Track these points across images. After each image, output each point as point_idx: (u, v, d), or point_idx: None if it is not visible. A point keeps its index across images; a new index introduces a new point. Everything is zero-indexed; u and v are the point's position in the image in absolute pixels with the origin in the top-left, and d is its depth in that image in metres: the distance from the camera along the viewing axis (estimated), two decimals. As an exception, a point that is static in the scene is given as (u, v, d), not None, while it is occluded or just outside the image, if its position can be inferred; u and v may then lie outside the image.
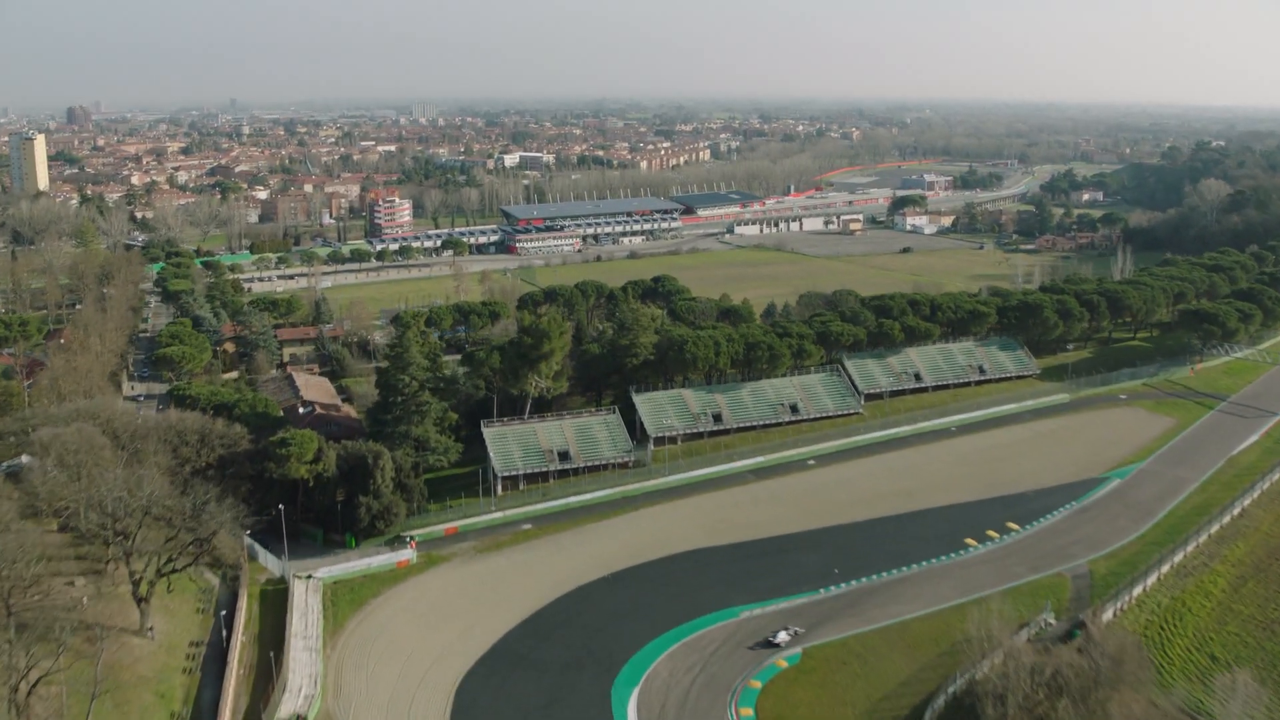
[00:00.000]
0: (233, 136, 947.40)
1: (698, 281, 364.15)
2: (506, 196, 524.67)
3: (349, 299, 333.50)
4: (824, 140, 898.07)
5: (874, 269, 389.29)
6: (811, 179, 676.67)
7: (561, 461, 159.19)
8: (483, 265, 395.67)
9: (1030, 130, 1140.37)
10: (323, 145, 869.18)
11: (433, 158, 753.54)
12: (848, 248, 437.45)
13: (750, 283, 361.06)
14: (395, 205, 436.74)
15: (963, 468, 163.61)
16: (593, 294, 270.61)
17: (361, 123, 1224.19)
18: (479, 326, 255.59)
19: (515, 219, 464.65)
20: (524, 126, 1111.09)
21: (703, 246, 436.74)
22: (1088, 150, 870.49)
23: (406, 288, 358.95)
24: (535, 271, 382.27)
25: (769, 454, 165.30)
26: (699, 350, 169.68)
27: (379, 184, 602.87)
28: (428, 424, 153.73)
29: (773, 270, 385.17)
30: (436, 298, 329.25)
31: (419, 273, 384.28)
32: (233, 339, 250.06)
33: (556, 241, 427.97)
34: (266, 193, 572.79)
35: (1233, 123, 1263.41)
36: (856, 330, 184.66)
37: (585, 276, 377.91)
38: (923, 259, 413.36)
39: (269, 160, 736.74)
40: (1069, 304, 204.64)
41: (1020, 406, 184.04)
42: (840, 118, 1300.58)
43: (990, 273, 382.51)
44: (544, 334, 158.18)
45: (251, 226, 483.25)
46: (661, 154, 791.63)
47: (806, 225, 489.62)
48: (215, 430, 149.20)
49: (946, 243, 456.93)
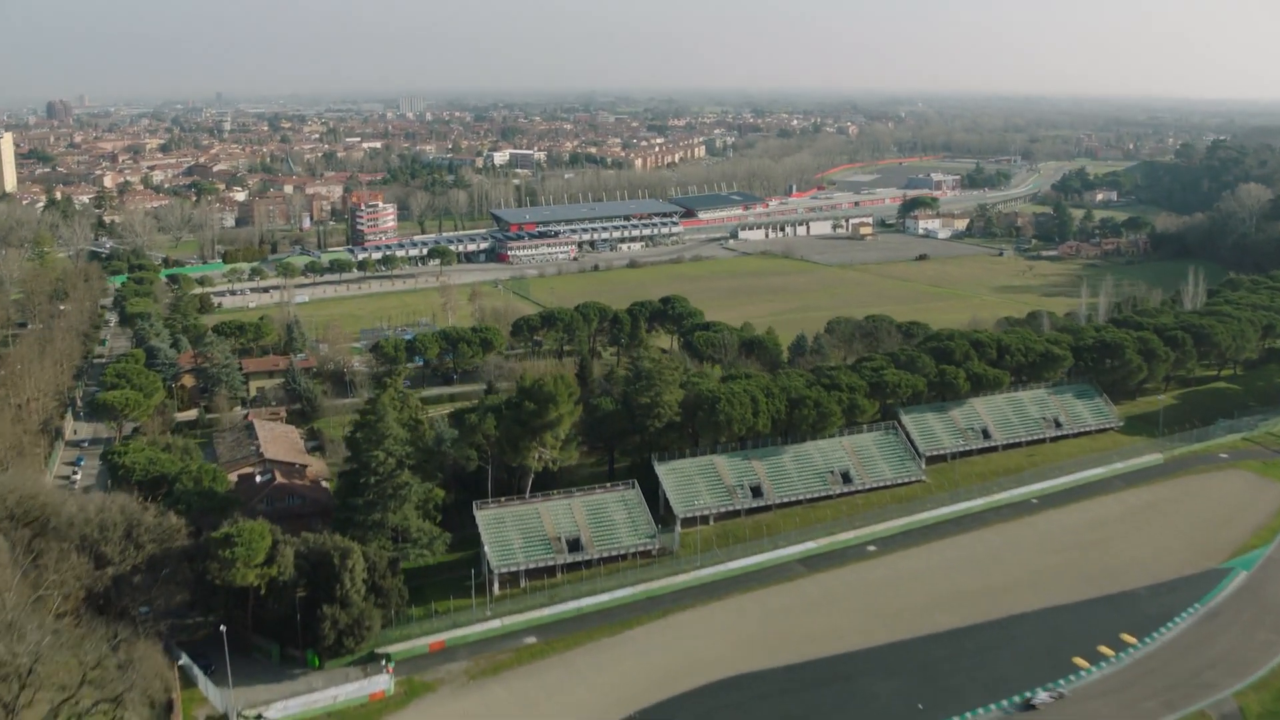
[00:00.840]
0: (213, 133, 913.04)
1: (704, 294, 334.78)
2: (497, 199, 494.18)
3: (326, 318, 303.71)
4: (822, 137, 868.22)
5: (891, 279, 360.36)
6: (812, 177, 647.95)
7: (571, 552, 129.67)
8: (472, 276, 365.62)
9: (1028, 125, 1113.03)
10: (306, 142, 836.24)
11: (419, 155, 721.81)
12: (859, 254, 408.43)
13: (761, 296, 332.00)
14: (379, 210, 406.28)
15: (1054, 555, 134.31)
16: (595, 317, 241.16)
17: (348, 118, 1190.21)
18: (469, 355, 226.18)
19: (506, 223, 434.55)
20: (513, 121, 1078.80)
21: (706, 253, 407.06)
22: (1091, 147, 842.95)
23: (390, 302, 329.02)
24: (529, 283, 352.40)
25: (821, 538, 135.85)
26: (734, 410, 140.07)
27: (363, 184, 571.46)
28: (407, 509, 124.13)
29: (784, 281, 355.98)
30: (422, 315, 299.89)
31: (404, 284, 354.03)
32: (193, 370, 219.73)
33: (551, 249, 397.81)
34: (245, 194, 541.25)
35: (1230, 117, 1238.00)
36: (915, 380, 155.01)
37: (583, 289, 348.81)
38: (940, 267, 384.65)
39: (250, 158, 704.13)
40: (1152, 343, 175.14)
41: (1109, 470, 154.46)
42: (834, 112, 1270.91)
43: (1016, 284, 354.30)
44: (549, 399, 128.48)
45: (227, 231, 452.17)
46: (656, 151, 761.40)
47: (813, 229, 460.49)
48: (145, 523, 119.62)
49: (962, 248, 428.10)
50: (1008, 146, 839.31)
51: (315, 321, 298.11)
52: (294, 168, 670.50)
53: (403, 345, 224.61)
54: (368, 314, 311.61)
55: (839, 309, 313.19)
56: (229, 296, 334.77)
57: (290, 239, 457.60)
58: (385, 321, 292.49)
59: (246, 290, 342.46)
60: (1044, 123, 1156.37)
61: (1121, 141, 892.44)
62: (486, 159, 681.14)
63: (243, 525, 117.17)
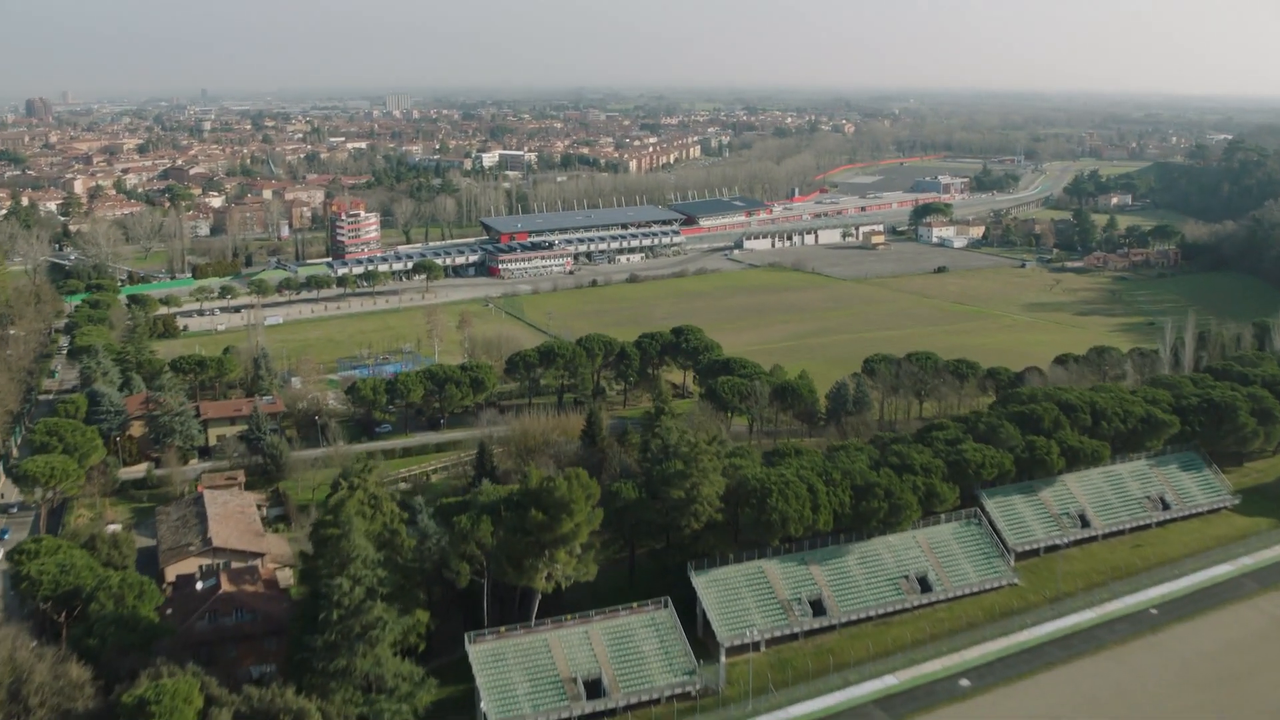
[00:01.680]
0: (194, 133, 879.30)
1: (713, 314, 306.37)
2: (486, 205, 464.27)
3: (300, 344, 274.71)
4: (820, 136, 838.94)
5: (912, 295, 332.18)
6: (813, 178, 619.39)
7: (591, 697, 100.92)
8: (461, 293, 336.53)
9: (1026, 122, 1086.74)
10: (289, 142, 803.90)
11: (405, 156, 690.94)
12: (874, 266, 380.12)
13: (775, 316, 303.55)
14: (360, 220, 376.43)
15: (1195, 693, 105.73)
16: (600, 351, 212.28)
17: (333, 115, 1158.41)
18: (458, 398, 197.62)
19: (497, 232, 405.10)
20: (502, 119, 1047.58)
21: (710, 266, 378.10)
22: (1096, 146, 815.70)
23: (371, 324, 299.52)
24: (522, 301, 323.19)
25: (900, 670, 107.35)
26: (789, 506, 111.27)
27: (345, 188, 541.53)
28: (381, 650, 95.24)
29: (797, 299, 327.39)
30: (406, 341, 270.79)
31: (386, 302, 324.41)
32: (144, 417, 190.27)
33: (545, 261, 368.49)
34: (221, 199, 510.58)
35: (1227, 114, 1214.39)
36: (1000, 458, 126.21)
37: (580, 307, 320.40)
38: (962, 281, 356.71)
39: (229, 160, 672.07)
40: (1267, 401, 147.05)
41: (1236, 568, 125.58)
42: (828, 109, 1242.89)
43: (1046, 300, 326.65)
44: (563, 506, 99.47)
45: (200, 241, 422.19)
46: (649, 151, 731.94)
47: (822, 237, 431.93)
48: (36, 680, 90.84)
49: (981, 259, 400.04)
50: (1011, 146, 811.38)
51: (288, 348, 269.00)
52: (275, 170, 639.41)
53: (382, 387, 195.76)
54: (347, 338, 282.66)
55: (861, 330, 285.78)
56: (196, 318, 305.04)
57: (268, 249, 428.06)
58: (366, 349, 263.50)
59: (215, 310, 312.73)
60: (1041, 120, 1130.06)
61: (1124, 140, 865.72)
62: (475, 160, 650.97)
63: (164, 685, 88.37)
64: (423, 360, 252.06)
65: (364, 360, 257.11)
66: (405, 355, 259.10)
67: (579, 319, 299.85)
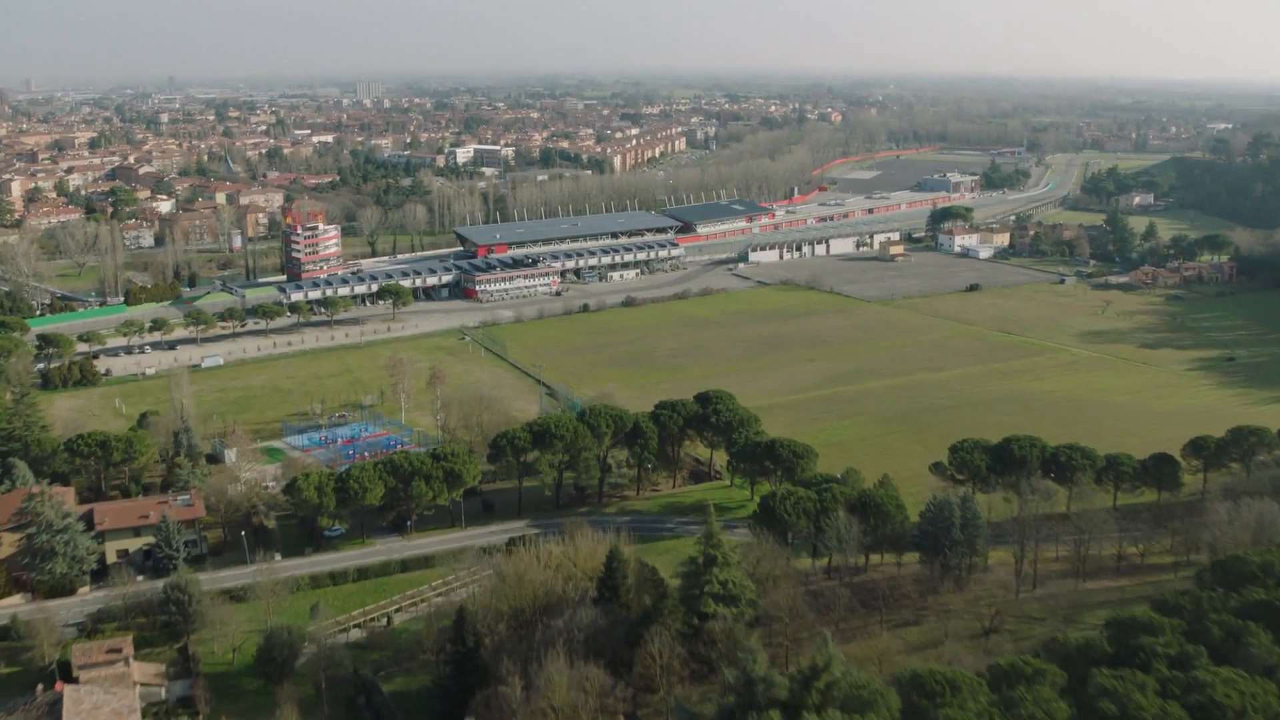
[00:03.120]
0: (150, 125, 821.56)
1: (727, 350, 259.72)
2: (461, 212, 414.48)
3: (241, 394, 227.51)
4: (810, 128, 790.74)
5: (948, 321, 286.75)
6: (809, 174, 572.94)
7: None
8: (432, 321, 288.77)
9: (1015, 110, 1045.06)
10: (251, 135, 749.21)
11: (374, 152, 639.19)
12: (897, 283, 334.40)
13: (797, 351, 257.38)
14: (319, 233, 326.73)
15: None
16: (609, 429, 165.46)
17: (300, 105, 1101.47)
18: (428, 497, 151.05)
19: (473, 244, 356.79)
20: (476, 109, 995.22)
21: (715, 284, 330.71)
22: (1097, 137, 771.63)
23: (327, 365, 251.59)
24: (503, 333, 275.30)
25: None
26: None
27: (307, 189, 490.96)
28: None
29: (820, 327, 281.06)
30: (370, 389, 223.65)
31: (346, 335, 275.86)
32: (17, 528, 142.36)
33: (528, 281, 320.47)
34: (171, 203, 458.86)
35: (1217, 100, 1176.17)
36: (1265, 694, 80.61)
37: (571, 340, 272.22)
38: (1000, 302, 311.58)
39: (185, 156, 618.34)
40: None
41: None
42: (812, 96, 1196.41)
43: (1101, 327, 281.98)
44: None
45: (141, 254, 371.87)
46: (633, 144, 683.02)
47: (834, 247, 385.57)
48: None
49: (1012, 272, 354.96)
50: (1009, 137, 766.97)
51: (226, 401, 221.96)
52: (233, 168, 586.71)
53: (330, 486, 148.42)
54: (298, 384, 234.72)
55: (902, 371, 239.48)
56: (122, 357, 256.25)
57: (218, 261, 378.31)
58: (318, 404, 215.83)
59: (146, 347, 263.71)
60: (1028, 108, 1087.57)
61: (1123, 130, 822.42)
62: (448, 157, 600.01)
63: None
64: (386, 423, 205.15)
65: (316, 417, 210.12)
66: (366, 411, 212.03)
67: (571, 356, 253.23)
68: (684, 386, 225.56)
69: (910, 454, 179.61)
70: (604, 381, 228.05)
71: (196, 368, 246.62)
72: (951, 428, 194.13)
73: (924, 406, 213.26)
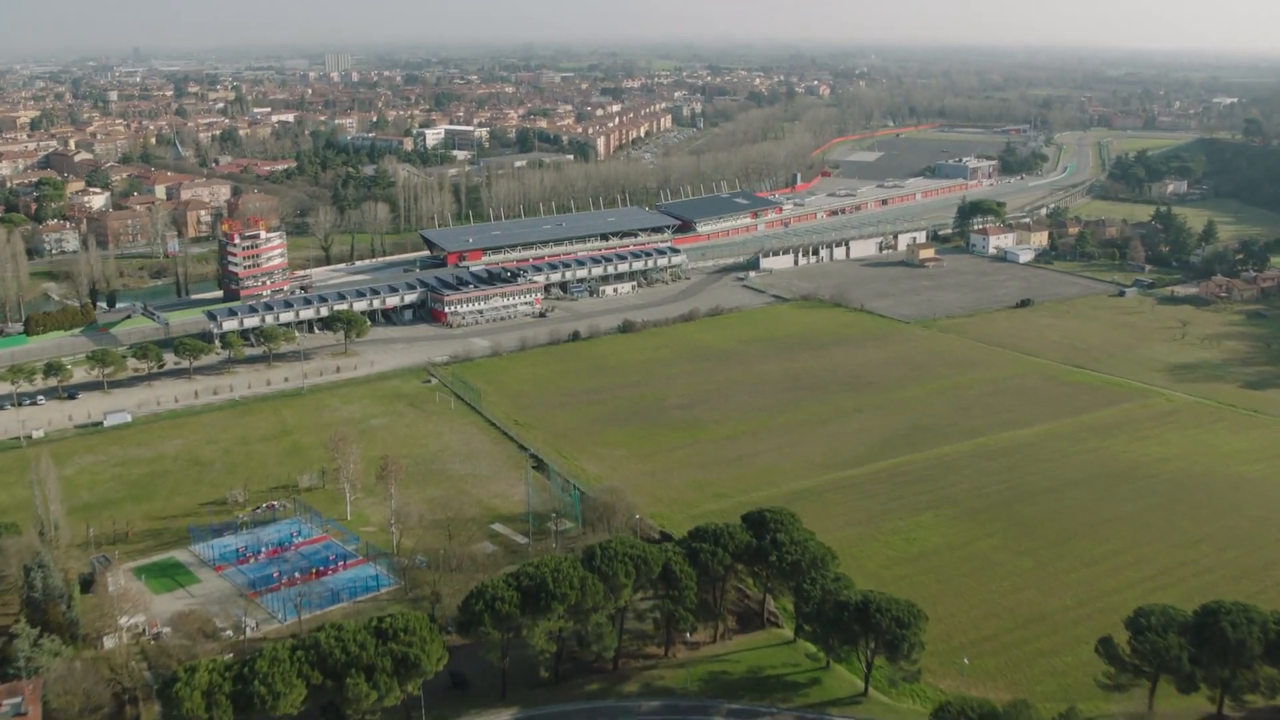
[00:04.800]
0: (98, 103, 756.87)
1: (748, 395, 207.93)
2: (429, 209, 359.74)
3: (145, 473, 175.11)
4: (803, 104, 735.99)
5: (1006, 350, 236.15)
6: (809, 155, 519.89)
7: None
8: (393, 355, 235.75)
9: (1005, 82, 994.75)
10: (208, 114, 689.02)
11: (337, 133, 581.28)
12: (934, 297, 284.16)
13: (835, 399, 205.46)
14: (260, 243, 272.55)
15: None
16: (628, 578, 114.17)
17: (265, 79, 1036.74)
18: (368, 699, 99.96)
19: (442, 250, 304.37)
20: (448, 83, 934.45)
21: (726, 301, 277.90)
22: (1105, 114, 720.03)
23: (260, 423, 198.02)
24: (478, 372, 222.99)
25: None
26: None
27: (260, 179, 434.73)
28: None
29: (857, 361, 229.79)
30: (310, 460, 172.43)
31: (286, 379, 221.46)
32: None
33: (506, 300, 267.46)
34: (105, 197, 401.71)
35: (1213, 72, 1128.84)
36: None
37: (560, 383, 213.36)
38: (1059, 323, 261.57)
39: (132, 138, 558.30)
40: None
41: None
42: (796, 69, 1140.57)
43: (1187, 359, 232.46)
44: None
45: (64, 260, 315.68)
46: (616, 122, 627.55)
47: (854, 249, 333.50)
48: None
49: (1063, 282, 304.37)
50: (1011, 113, 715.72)
51: (123, 484, 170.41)
52: (182, 152, 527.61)
53: (224, 687, 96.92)
54: (221, 453, 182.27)
55: (970, 430, 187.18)
56: (8, 410, 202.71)
57: (151, 269, 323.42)
58: (240, 490, 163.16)
59: (39, 397, 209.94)
60: (1019, 80, 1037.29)
61: (1126, 105, 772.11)
62: (417, 139, 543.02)
63: None
64: (325, 524, 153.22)
65: (237, 507, 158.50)
66: (299, 503, 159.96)
67: (562, 408, 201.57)
68: (705, 454, 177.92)
69: (1024, 578, 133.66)
70: (605, 444, 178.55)
71: (97, 427, 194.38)
72: (1062, 525, 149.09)
73: (1016, 489, 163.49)
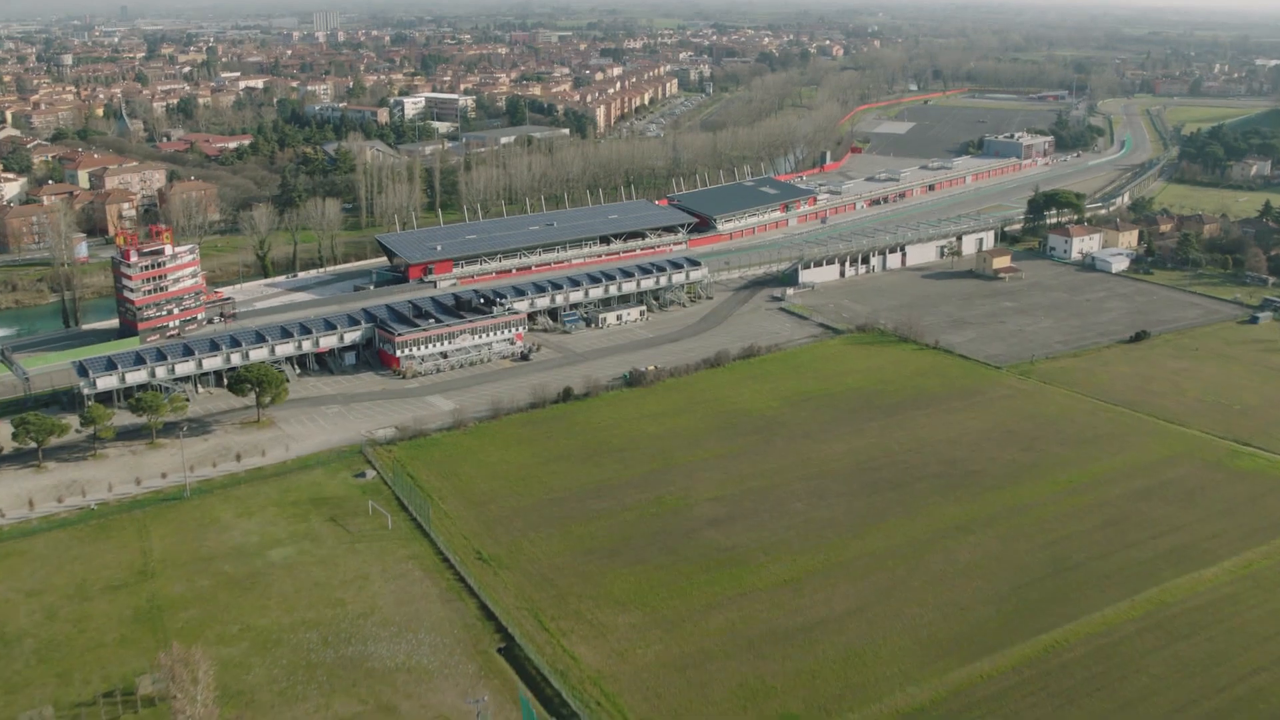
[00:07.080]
0: (50, 69, 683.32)
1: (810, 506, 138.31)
2: (395, 201, 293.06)
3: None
4: (820, 67, 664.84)
5: (1146, 419, 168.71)
6: (836, 124, 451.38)
7: None
8: (319, 429, 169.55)
9: (1026, 42, 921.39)
10: (172, 80, 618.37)
11: (307, 101, 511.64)
12: (1022, 324, 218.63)
13: (934, 505, 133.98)
14: (166, 261, 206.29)
15: None
16: None
17: (247, 39, 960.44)
18: None
19: (404, 262, 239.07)
20: (438, 43, 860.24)
21: (762, 336, 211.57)
22: (1148, 79, 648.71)
23: (108, 562, 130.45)
24: (431, 462, 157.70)
25: None
26: None
27: (207, 159, 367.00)
28: None
29: (949, 434, 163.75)
30: (163, 633, 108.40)
31: (165, 474, 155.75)
32: None
33: (478, 338, 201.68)
34: (20, 184, 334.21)
35: (1242, 30, 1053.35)
36: None
37: (546, 479, 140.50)
38: (1191, 367, 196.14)
39: (77, 110, 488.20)
40: None
41: None
42: (806, 27, 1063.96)
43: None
44: None
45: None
46: (617, 87, 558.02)
47: (911, 255, 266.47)
48: None
49: (1175, 301, 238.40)
50: (1044, 77, 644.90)
51: None
52: (129, 125, 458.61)
53: None
54: (40, 621, 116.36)
55: (1137, 571, 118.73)
56: None
57: (51, 281, 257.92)
58: (46, 712, 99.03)
59: None
60: (1038, 39, 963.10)
61: (1168, 69, 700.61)
62: (394, 109, 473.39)
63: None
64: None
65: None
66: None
67: (548, 528, 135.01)
68: (756, 619, 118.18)
69: None
70: (607, 602, 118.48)
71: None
72: None
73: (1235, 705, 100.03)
